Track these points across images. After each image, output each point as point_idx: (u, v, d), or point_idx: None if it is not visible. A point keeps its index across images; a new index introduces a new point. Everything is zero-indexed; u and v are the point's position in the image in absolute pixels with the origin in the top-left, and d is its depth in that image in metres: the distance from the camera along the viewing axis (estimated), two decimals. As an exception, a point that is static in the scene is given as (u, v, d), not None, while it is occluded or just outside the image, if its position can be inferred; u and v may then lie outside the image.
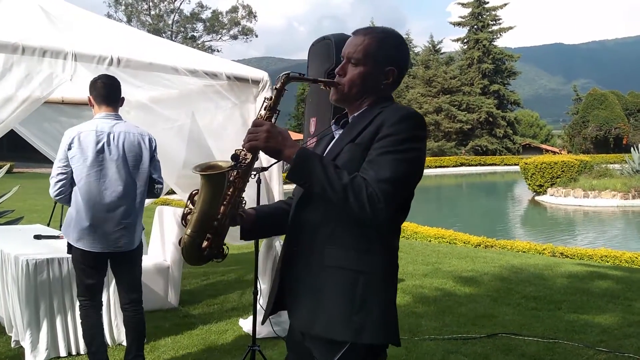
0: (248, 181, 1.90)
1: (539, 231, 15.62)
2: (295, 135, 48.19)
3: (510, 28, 60.55)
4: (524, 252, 9.52)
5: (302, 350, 1.93)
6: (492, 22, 59.52)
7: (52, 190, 3.54)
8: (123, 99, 3.81)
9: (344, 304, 1.78)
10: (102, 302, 3.79)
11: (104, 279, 3.76)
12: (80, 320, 3.74)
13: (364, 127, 1.85)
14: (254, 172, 1.91)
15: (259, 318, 4.58)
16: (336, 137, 1.97)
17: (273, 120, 1.87)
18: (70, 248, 3.62)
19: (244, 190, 1.89)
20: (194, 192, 1.89)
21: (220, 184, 1.82)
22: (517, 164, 28.94)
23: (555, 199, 21.29)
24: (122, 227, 3.57)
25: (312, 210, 1.86)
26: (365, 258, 1.80)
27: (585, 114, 52.12)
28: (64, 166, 3.54)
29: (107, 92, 3.67)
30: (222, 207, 1.86)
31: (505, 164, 47.60)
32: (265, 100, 1.90)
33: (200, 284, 6.76)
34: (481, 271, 7.48)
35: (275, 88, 1.89)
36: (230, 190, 1.86)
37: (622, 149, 46.86)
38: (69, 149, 3.53)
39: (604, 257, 8.78)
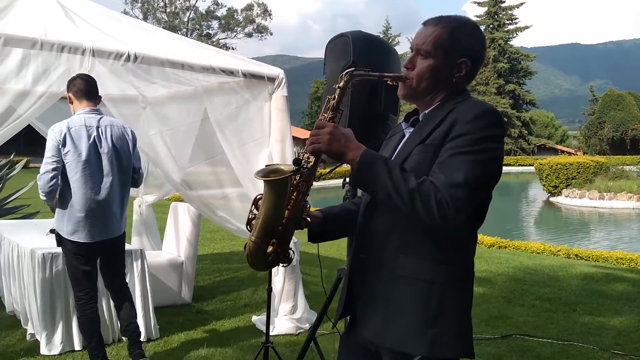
0: (312, 184, 1.81)
1: (554, 232, 15.50)
2: (308, 133, 47.99)
3: (527, 27, 60.11)
4: (539, 253, 9.44)
5: (367, 355, 1.85)
6: (508, 22, 59.13)
7: (46, 186, 3.57)
8: (100, 96, 3.92)
9: (417, 317, 1.70)
10: (97, 295, 3.88)
11: (97, 266, 3.89)
12: (79, 316, 3.83)
13: (435, 126, 1.72)
14: (318, 176, 1.82)
15: (273, 315, 4.58)
16: (406, 136, 1.85)
17: (337, 120, 1.77)
18: (60, 242, 3.74)
19: (308, 194, 1.82)
20: (258, 197, 1.83)
21: (284, 189, 1.75)
22: (532, 165, 28.74)
23: (570, 200, 21.12)
24: (113, 216, 3.77)
25: (380, 216, 1.77)
26: (439, 268, 1.70)
27: (602, 114, 51.61)
28: (56, 161, 3.60)
29: (87, 88, 3.77)
30: (286, 212, 1.79)
31: (520, 165, 47.28)
32: (329, 100, 1.78)
33: (214, 280, 6.78)
34: (495, 272, 7.43)
35: (339, 87, 1.77)
36: (294, 194, 1.78)
37: (638, 150, 46.41)
38: (63, 145, 3.60)
39: (620, 260, 8.69)
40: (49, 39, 3.72)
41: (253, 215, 1.83)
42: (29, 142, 20.62)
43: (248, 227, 1.84)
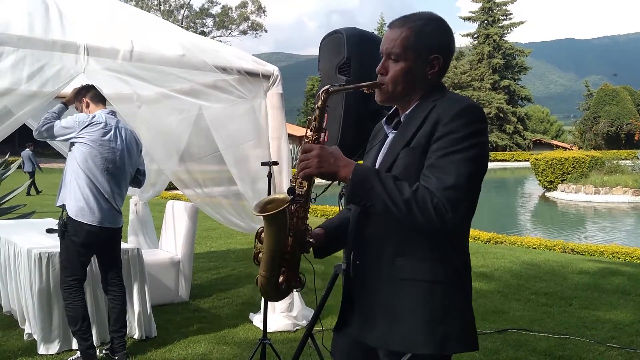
0: (309, 207, 1.83)
1: (550, 227, 15.54)
2: (304, 131, 47.97)
3: (521, 23, 60.26)
4: (535, 248, 9.47)
5: (362, 349, 1.86)
6: (502, 17, 59.27)
7: (43, 124, 3.92)
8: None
9: (423, 317, 1.70)
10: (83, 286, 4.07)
11: (90, 260, 4.14)
12: (68, 302, 3.93)
13: (418, 127, 1.73)
14: (314, 198, 1.84)
15: (270, 312, 4.59)
16: (390, 137, 1.87)
17: (322, 140, 1.79)
18: (64, 232, 3.88)
19: (307, 217, 1.84)
20: (260, 231, 1.86)
21: (283, 220, 1.77)
22: (528, 160, 28.78)
23: (566, 195, 21.16)
24: (115, 209, 4.02)
25: (373, 222, 1.78)
26: (438, 266, 1.72)
27: (597, 109, 51.78)
28: (68, 127, 3.91)
29: (99, 94, 4.11)
30: (289, 239, 1.81)
31: (516, 160, 47.41)
32: (310, 121, 1.81)
33: (211, 278, 6.78)
34: (491, 267, 7.45)
35: (318, 107, 1.80)
36: (294, 220, 1.80)
37: (633, 145, 46.52)
38: (88, 124, 3.92)
39: (615, 254, 8.72)
40: (42, 37, 3.70)
41: (258, 250, 1.86)
42: (24, 142, 20.58)
43: (255, 261, 1.88)
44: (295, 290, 1.89)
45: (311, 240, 1.86)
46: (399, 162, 1.74)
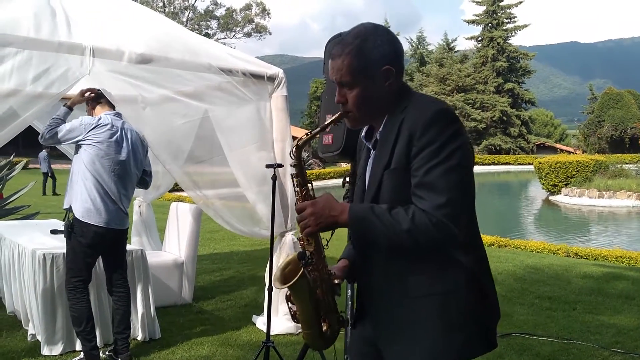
0: (325, 255, 1.84)
1: (553, 231, 15.51)
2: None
3: (525, 26, 60.16)
4: (538, 252, 9.45)
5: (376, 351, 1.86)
6: (506, 20, 59.20)
7: (48, 131, 3.92)
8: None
9: (441, 328, 1.71)
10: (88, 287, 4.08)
11: (96, 261, 4.14)
12: (73, 303, 3.94)
13: (393, 145, 1.71)
14: (326, 245, 1.86)
15: (273, 314, 4.59)
16: (372, 157, 1.85)
17: (311, 192, 1.81)
18: (70, 233, 3.91)
19: (327, 265, 1.86)
20: (287, 294, 1.91)
21: (305, 283, 1.81)
22: (531, 164, 28.73)
23: (569, 199, 21.12)
24: (122, 210, 4.04)
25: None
26: (450, 277, 1.71)
27: (601, 113, 51.66)
28: (74, 130, 3.92)
29: (105, 96, 4.14)
30: (318, 292, 1.84)
31: (519, 164, 47.29)
32: (293, 179, 1.83)
33: (214, 280, 6.78)
34: (495, 270, 7.43)
35: (293, 165, 1.82)
36: (316, 274, 1.83)
37: (637, 149, 46.46)
38: (94, 127, 3.94)
39: (619, 258, 8.69)
40: (49, 39, 3.70)
41: (294, 312, 1.93)
42: (29, 143, 20.68)
43: (295, 320, 1.94)
44: (341, 328, 1.93)
45: (337, 281, 1.88)
46: (385, 183, 1.74)
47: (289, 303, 1.91)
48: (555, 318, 5.36)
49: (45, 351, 4.20)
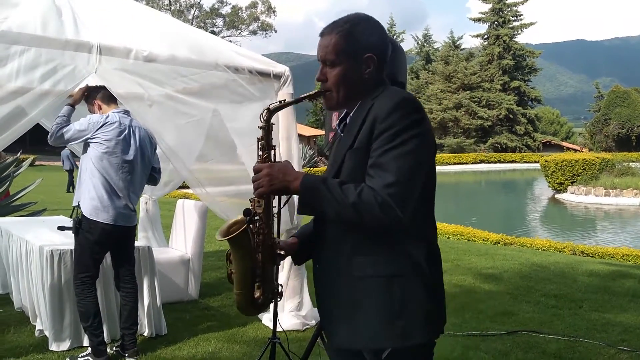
0: (273, 221, 1.88)
1: (559, 229, 15.48)
2: (314, 131, 48.08)
3: (532, 24, 59.89)
4: (544, 250, 9.44)
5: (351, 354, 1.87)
6: (512, 18, 58.97)
7: (57, 130, 3.90)
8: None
9: (383, 312, 1.73)
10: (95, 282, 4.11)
11: (104, 257, 4.18)
12: (80, 298, 3.96)
13: (359, 128, 1.77)
14: (275, 213, 1.90)
15: (280, 311, 4.60)
16: (337, 140, 1.93)
17: (272, 156, 1.85)
18: (78, 229, 3.94)
19: (272, 232, 1.89)
20: (228, 252, 1.91)
21: (246, 240, 1.84)
22: (537, 162, 28.67)
23: (575, 197, 21.07)
24: (129, 208, 4.06)
25: (330, 224, 1.81)
26: (396, 260, 1.74)
27: (607, 111, 51.44)
28: (82, 130, 3.91)
29: (109, 93, 4.12)
30: (258, 255, 1.86)
31: (525, 162, 47.14)
32: (258, 142, 1.87)
33: (220, 277, 6.80)
34: (501, 268, 7.43)
35: (262, 127, 1.87)
36: (259, 237, 1.85)
37: (644, 147, 46.18)
38: (102, 125, 3.94)
39: (626, 256, 8.68)
40: (56, 37, 3.72)
41: (231, 271, 1.92)
42: (35, 140, 20.79)
43: (230, 281, 1.93)
44: (273, 301, 1.95)
45: (281, 252, 1.92)
46: (346, 163, 1.79)
47: (227, 262, 1.92)
48: (561, 316, 5.35)
49: (53, 347, 4.23)
